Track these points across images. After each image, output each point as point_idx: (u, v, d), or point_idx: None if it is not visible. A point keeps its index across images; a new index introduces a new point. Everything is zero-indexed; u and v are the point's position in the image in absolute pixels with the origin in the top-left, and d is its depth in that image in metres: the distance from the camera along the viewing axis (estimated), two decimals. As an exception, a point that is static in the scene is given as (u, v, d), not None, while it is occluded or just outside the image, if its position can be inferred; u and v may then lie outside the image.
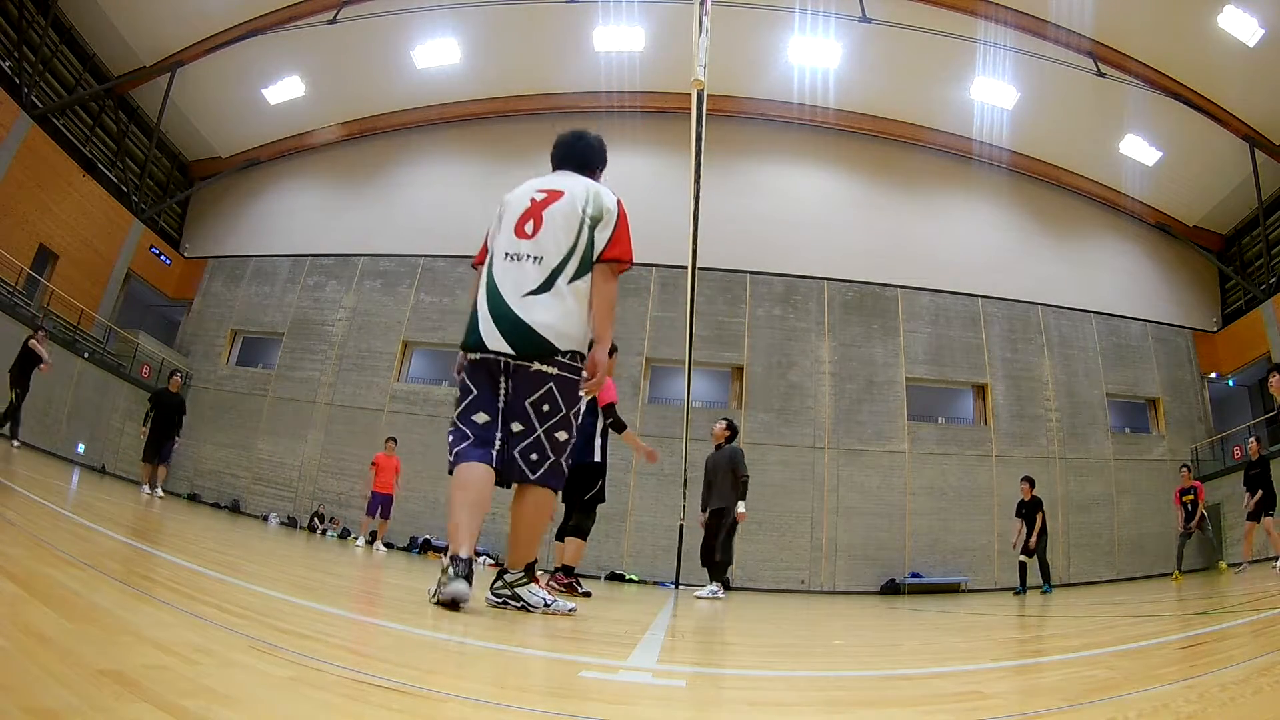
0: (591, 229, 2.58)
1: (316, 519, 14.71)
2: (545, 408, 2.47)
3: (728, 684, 1.59)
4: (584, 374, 2.58)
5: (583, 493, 4.94)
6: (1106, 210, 17.72)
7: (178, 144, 19.07)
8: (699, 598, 6.54)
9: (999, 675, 1.77)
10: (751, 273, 16.52)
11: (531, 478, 2.47)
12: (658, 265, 16.25)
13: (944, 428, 16.01)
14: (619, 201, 2.70)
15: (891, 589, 13.91)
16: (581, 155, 2.89)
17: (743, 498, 6.68)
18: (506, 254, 2.57)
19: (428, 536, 14.37)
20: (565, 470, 2.57)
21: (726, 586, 7.22)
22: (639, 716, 1.13)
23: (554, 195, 2.64)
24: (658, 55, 16.14)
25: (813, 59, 16.15)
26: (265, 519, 14.75)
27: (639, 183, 17.38)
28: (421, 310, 16.97)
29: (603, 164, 2.99)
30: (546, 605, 2.58)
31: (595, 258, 2.57)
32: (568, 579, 4.94)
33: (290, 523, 14.91)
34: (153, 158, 17.97)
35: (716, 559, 6.86)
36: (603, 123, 17.64)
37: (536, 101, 18.09)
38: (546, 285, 2.49)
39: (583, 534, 4.99)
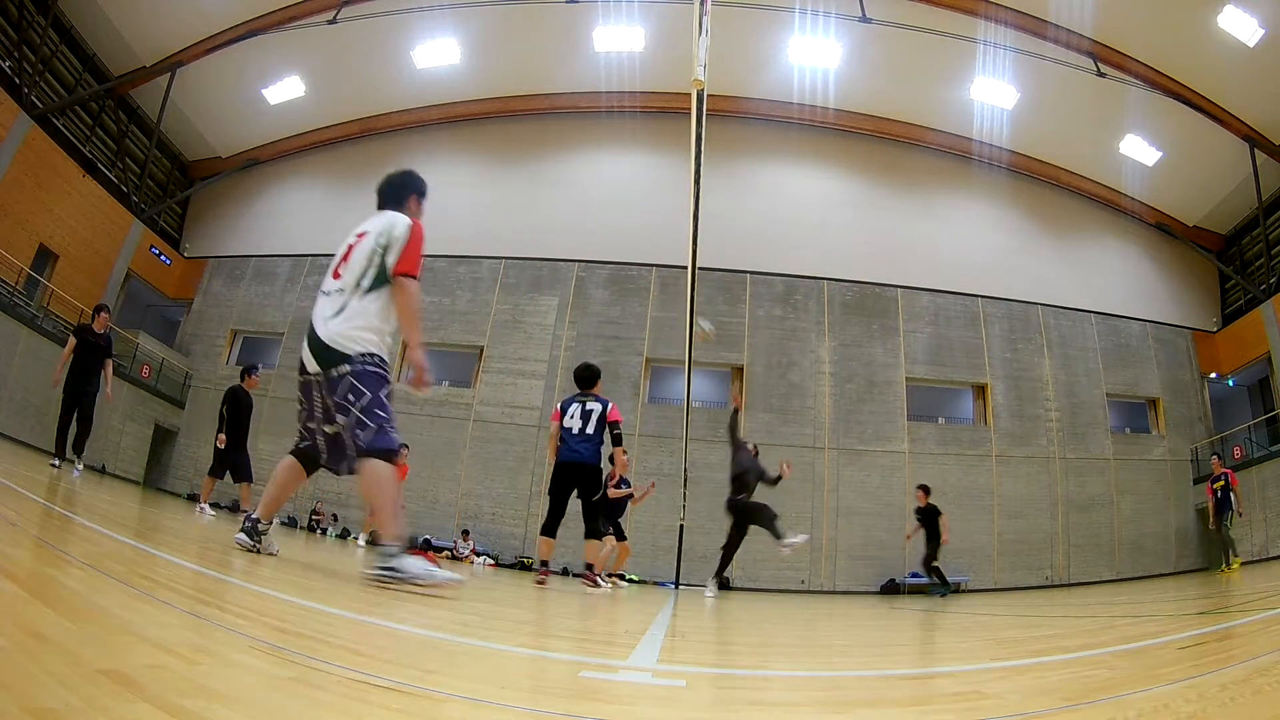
0: (383, 255, 3.08)
1: (315, 518, 14.71)
2: (350, 397, 2.92)
3: (728, 684, 1.59)
4: (390, 373, 3.11)
5: (590, 495, 5.37)
6: (1106, 210, 17.72)
7: (178, 144, 19.06)
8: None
9: (999, 675, 1.77)
10: (751, 273, 16.52)
11: (361, 449, 2.87)
12: (658, 265, 16.27)
13: (944, 428, 16.01)
14: (412, 224, 3.16)
15: (891, 589, 13.90)
16: (390, 193, 3.37)
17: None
18: (322, 291, 3.14)
19: (427, 536, 14.37)
20: (393, 441, 2.93)
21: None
22: (639, 716, 1.13)
23: (361, 237, 3.19)
24: (658, 55, 16.14)
25: (813, 59, 16.14)
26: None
27: (639, 183, 17.44)
28: (421, 310, 16.95)
29: (412, 191, 3.41)
30: (423, 576, 2.77)
31: (389, 275, 3.05)
32: (591, 576, 5.55)
33: (290, 523, 14.91)
34: (153, 158, 17.97)
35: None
36: (603, 123, 17.77)
37: (536, 101, 18.09)
38: (342, 309, 3.03)
39: (594, 535, 5.40)
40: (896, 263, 16.70)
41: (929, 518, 10.30)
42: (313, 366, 3.00)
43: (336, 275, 3.14)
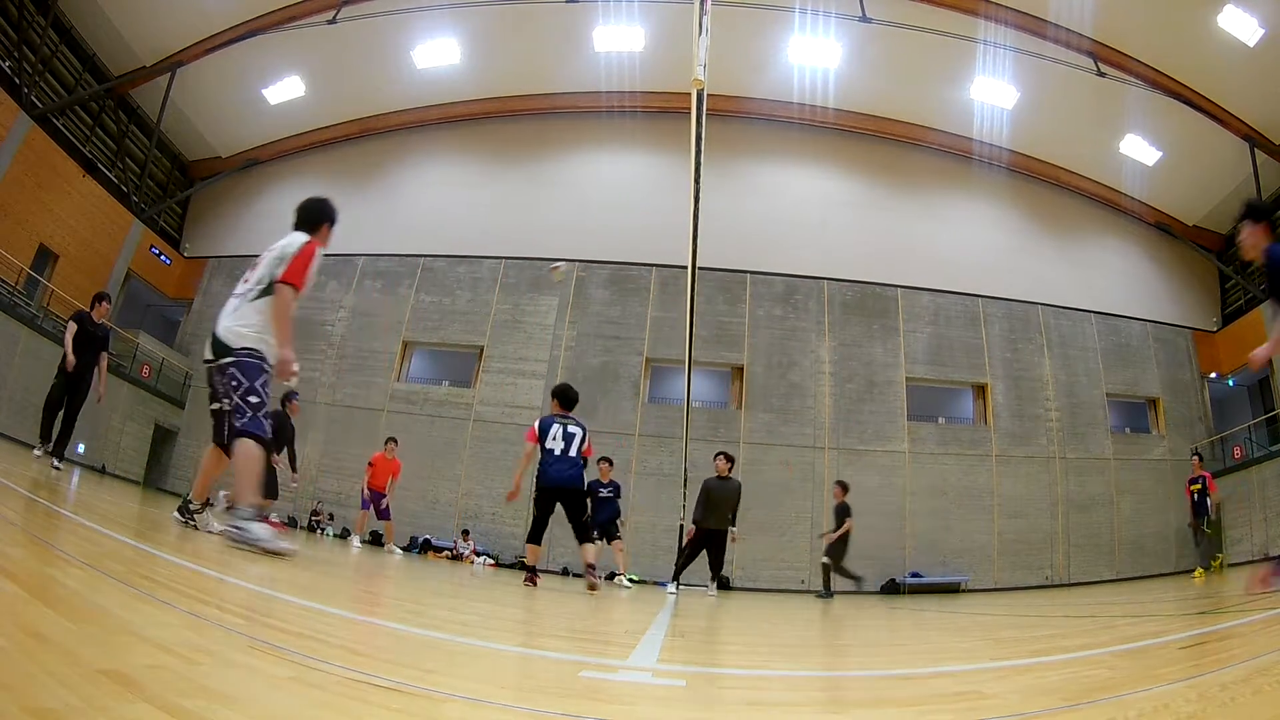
0: (277, 266, 3.61)
1: (314, 518, 14.71)
2: (233, 383, 3.49)
3: (728, 684, 1.59)
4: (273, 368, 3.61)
5: (579, 516, 5.71)
6: (1106, 210, 17.71)
7: (178, 144, 19.06)
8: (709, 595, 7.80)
9: (999, 675, 1.77)
10: (751, 273, 16.52)
11: (237, 427, 3.44)
12: (658, 265, 16.27)
13: (944, 428, 16.01)
14: (306, 243, 3.70)
15: (891, 589, 13.90)
16: (304, 216, 3.90)
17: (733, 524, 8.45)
18: (233, 294, 3.74)
19: (427, 536, 14.38)
20: (265, 425, 3.49)
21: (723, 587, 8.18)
22: (639, 716, 1.13)
23: (271, 250, 3.73)
24: (658, 55, 16.14)
25: (813, 59, 16.14)
26: (265, 519, 14.72)
27: (639, 183, 17.43)
28: (421, 310, 16.96)
29: (325, 219, 3.94)
30: (265, 539, 3.32)
31: (273, 282, 3.58)
32: (594, 576, 5.87)
33: (290, 523, 14.89)
34: (153, 158, 17.96)
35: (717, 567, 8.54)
36: (603, 123, 17.76)
37: (536, 101, 18.09)
38: (236, 309, 3.61)
39: (588, 539, 5.79)
40: (896, 263, 16.69)
41: (840, 516, 9.95)
42: (208, 354, 3.60)
43: (244, 280, 3.71)
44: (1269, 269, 4.16)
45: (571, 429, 5.50)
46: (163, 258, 18.32)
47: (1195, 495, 10.24)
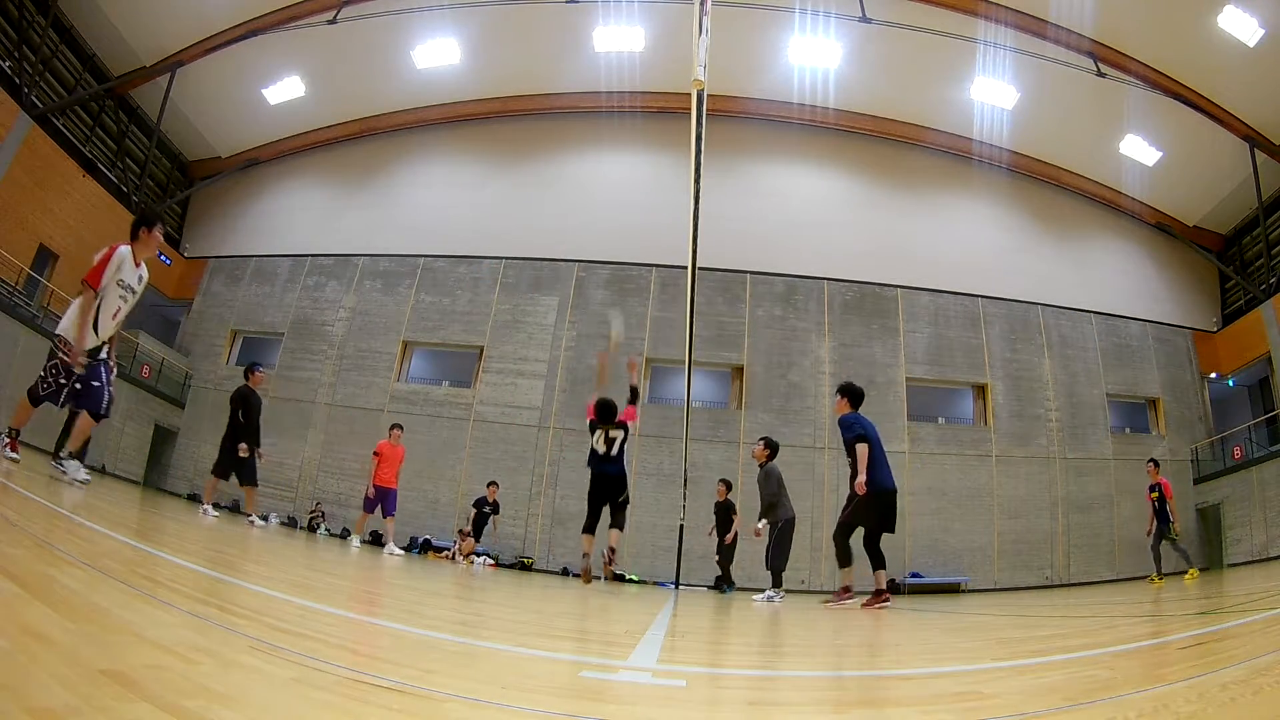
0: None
1: (313, 518, 14.70)
2: (48, 368, 4.65)
3: (728, 684, 1.59)
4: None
5: (618, 499, 6.65)
6: (1106, 210, 17.72)
7: (178, 144, 19.06)
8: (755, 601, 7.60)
9: (999, 675, 1.77)
10: (751, 273, 16.52)
11: (75, 407, 4.82)
12: (658, 265, 16.27)
13: (944, 428, 16.00)
14: (108, 249, 4.73)
15: (892, 589, 13.82)
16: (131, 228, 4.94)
17: (764, 515, 8.24)
18: None
19: (428, 537, 14.37)
20: (95, 398, 4.70)
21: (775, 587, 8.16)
22: (639, 716, 1.13)
23: None
24: (658, 55, 16.14)
25: (813, 59, 16.14)
26: (265, 519, 14.72)
27: (639, 183, 17.44)
28: (421, 310, 16.97)
29: (139, 225, 5.00)
30: (76, 476, 4.81)
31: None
32: (614, 556, 6.68)
33: (290, 523, 14.90)
34: (153, 158, 17.97)
35: (766, 566, 8.29)
36: (603, 123, 17.77)
37: (536, 101, 18.10)
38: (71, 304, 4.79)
39: (619, 526, 6.63)
40: (896, 263, 16.69)
41: (725, 513, 9.80)
42: None
43: None
44: (841, 431, 6.29)
45: (613, 433, 6.63)
46: (162, 258, 18.31)
47: (1156, 503, 10.08)
